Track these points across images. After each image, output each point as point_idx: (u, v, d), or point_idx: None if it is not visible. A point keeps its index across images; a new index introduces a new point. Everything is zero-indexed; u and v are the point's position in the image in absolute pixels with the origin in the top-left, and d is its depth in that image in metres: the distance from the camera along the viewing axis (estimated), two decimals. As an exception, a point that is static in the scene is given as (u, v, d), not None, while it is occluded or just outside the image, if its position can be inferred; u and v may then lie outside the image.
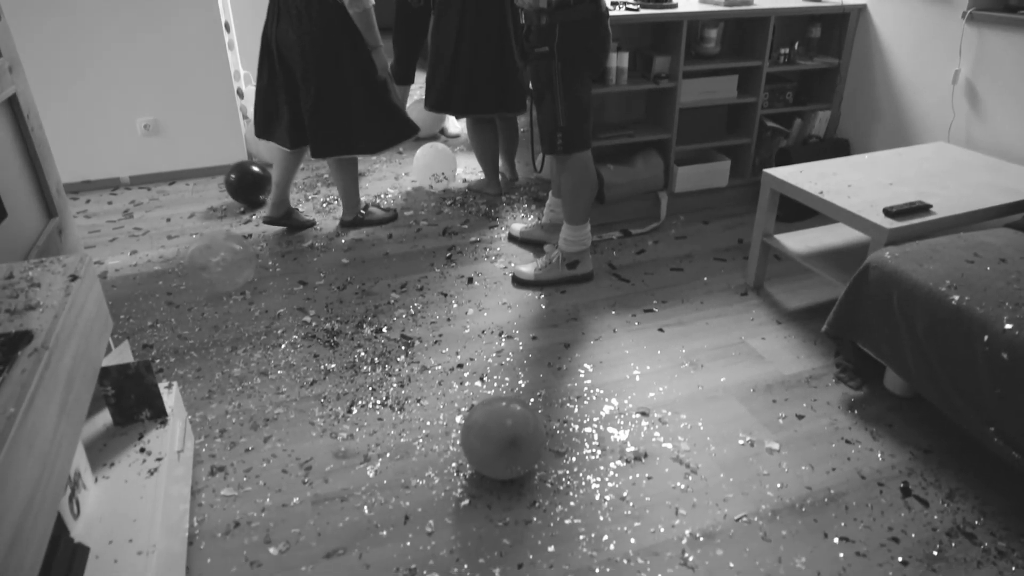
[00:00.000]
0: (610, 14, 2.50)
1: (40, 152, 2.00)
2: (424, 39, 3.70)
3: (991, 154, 2.77)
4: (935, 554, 1.65)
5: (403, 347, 2.43)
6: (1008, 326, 1.66)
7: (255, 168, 3.54)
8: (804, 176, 2.54)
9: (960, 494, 1.82)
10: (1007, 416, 1.66)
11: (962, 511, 1.77)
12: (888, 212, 2.21)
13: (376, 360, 2.36)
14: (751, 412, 2.12)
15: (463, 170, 4.01)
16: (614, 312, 2.64)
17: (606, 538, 1.70)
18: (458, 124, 4.67)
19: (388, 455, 1.96)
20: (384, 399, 2.18)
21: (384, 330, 2.53)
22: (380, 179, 3.94)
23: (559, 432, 2.04)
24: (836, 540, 1.69)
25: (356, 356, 2.38)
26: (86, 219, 3.47)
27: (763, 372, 2.30)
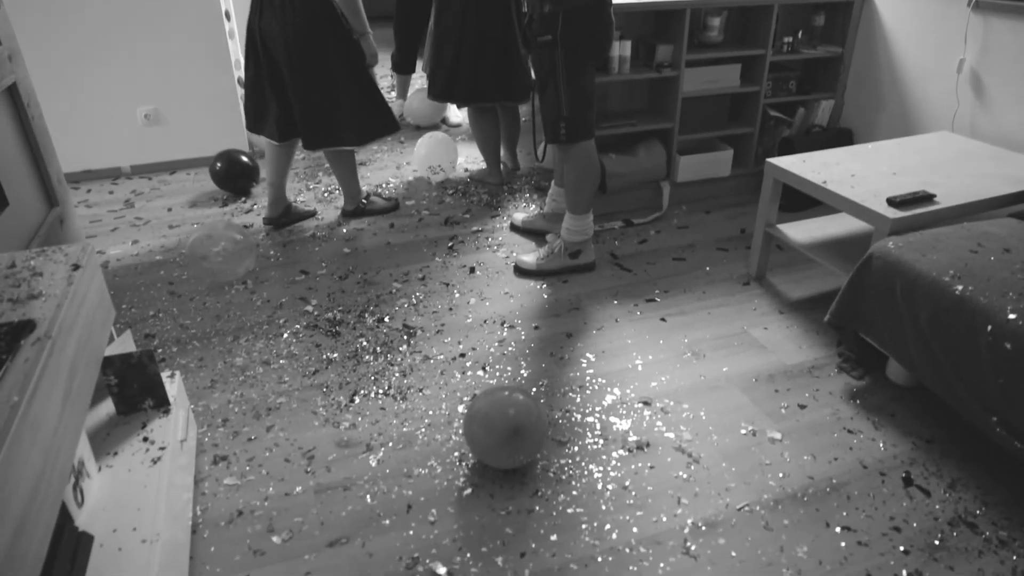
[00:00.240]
0: (613, 2, 2.49)
1: (41, 141, 2.00)
2: (425, 28, 3.69)
3: (996, 144, 2.76)
4: (936, 543, 1.65)
5: (405, 336, 2.43)
6: (1011, 316, 1.66)
7: (243, 157, 3.54)
8: (807, 166, 2.53)
9: (962, 484, 1.82)
10: (1009, 406, 1.66)
11: (964, 501, 1.77)
12: (891, 202, 2.20)
13: (378, 349, 2.36)
14: (753, 402, 2.12)
15: (464, 159, 4.00)
16: (616, 302, 2.64)
17: (608, 527, 1.71)
18: (460, 113, 4.65)
19: (391, 444, 1.97)
20: (386, 388, 2.18)
21: (386, 319, 2.53)
22: (381, 168, 3.93)
23: (561, 421, 2.05)
24: (838, 529, 1.69)
25: (358, 345, 2.39)
26: (87, 208, 3.47)
27: (765, 362, 2.30)
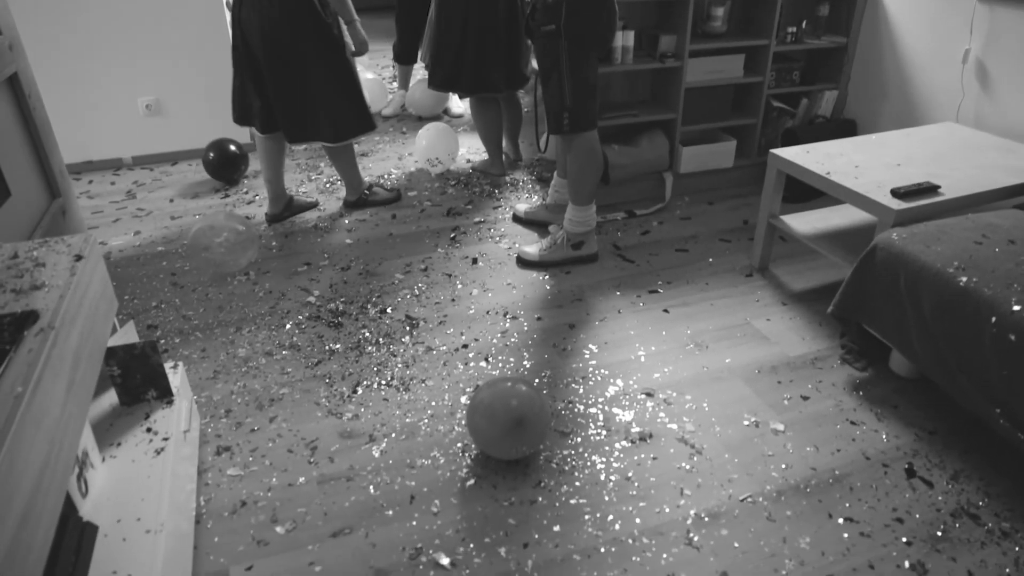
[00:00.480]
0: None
1: (42, 132, 1.99)
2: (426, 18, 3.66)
3: (1001, 134, 2.75)
4: (939, 534, 1.65)
5: (408, 327, 2.43)
6: (1016, 308, 1.66)
7: (232, 147, 3.53)
8: (811, 156, 2.52)
9: (964, 475, 1.82)
10: (1013, 397, 1.65)
11: (966, 492, 1.77)
12: (896, 193, 2.19)
13: (381, 341, 2.36)
14: (756, 393, 2.12)
15: (466, 150, 3.99)
16: (619, 293, 2.64)
17: (611, 518, 1.71)
18: (461, 104, 4.63)
19: (393, 435, 1.97)
20: (389, 379, 2.18)
21: (389, 311, 2.53)
22: (383, 159, 3.92)
23: (564, 413, 2.05)
24: (840, 520, 1.70)
25: (361, 336, 2.39)
26: (89, 199, 3.47)
27: (768, 353, 2.30)
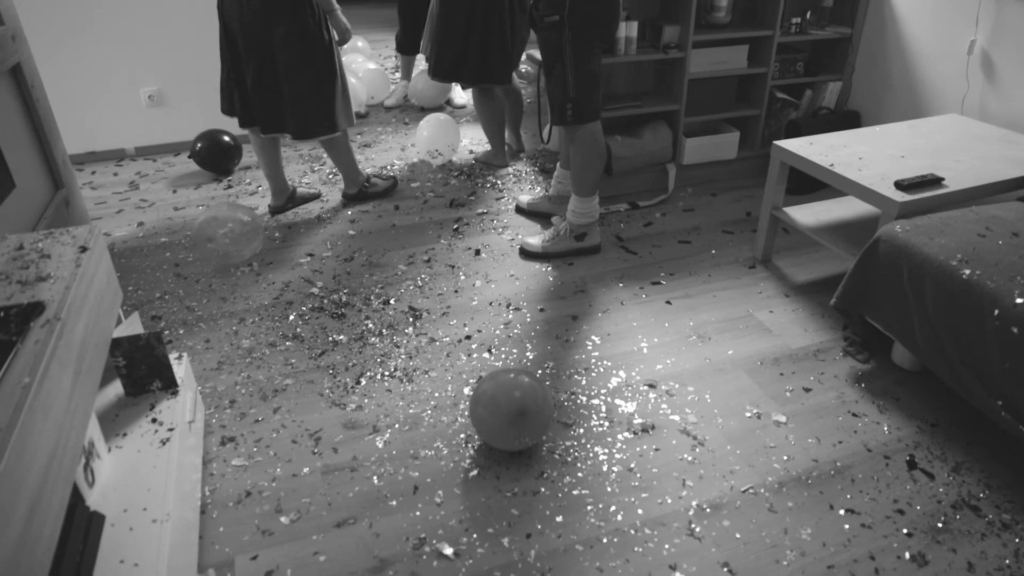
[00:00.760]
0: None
1: (45, 122, 1.99)
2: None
3: (1006, 126, 2.74)
4: (940, 526, 1.66)
5: (411, 319, 2.44)
6: (1019, 300, 1.66)
7: (225, 137, 3.52)
8: (814, 148, 2.51)
9: (966, 467, 1.83)
10: (1015, 390, 1.66)
11: (967, 484, 1.78)
12: (899, 185, 2.19)
13: (384, 332, 2.37)
14: (758, 385, 2.13)
15: (468, 141, 3.98)
16: (622, 284, 2.64)
17: (613, 509, 1.72)
18: (464, 95, 4.62)
19: (397, 426, 1.98)
20: (392, 371, 2.19)
21: (392, 302, 2.54)
22: (386, 150, 3.92)
23: (567, 404, 2.05)
24: (842, 512, 1.70)
25: (364, 328, 2.39)
26: (92, 191, 3.47)
27: (771, 345, 2.30)
